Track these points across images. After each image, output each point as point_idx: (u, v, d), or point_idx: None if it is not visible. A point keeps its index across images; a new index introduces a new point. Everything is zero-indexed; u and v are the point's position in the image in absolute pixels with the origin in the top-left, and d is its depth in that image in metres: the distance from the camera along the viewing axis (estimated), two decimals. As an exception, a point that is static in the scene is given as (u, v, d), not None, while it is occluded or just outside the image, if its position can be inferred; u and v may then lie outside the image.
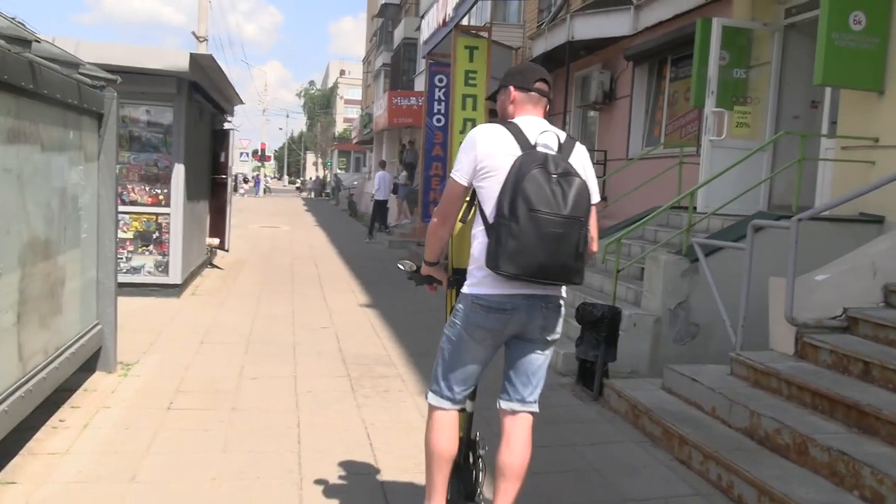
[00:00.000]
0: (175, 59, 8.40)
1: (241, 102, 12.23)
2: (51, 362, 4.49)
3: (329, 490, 3.84)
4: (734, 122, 8.42)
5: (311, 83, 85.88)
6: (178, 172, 9.14)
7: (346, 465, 4.20)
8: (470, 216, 2.83)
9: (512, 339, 2.80)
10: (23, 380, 4.05)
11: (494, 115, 2.98)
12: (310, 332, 7.66)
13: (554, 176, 2.57)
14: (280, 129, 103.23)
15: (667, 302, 6.51)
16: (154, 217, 9.08)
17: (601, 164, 13.13)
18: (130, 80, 7.88)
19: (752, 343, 5.66)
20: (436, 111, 13.60)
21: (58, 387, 4.62)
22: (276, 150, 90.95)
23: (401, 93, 22.92)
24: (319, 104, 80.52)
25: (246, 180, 47.18)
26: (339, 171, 48.14)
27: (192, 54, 8.51)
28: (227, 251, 12.11)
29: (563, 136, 2.73)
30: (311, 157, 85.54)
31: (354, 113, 63.59)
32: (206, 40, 19.32)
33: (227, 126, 11.92)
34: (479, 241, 2.70)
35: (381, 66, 32.05)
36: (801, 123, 8.44)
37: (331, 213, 29.40)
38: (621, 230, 8.03)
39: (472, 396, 3.01)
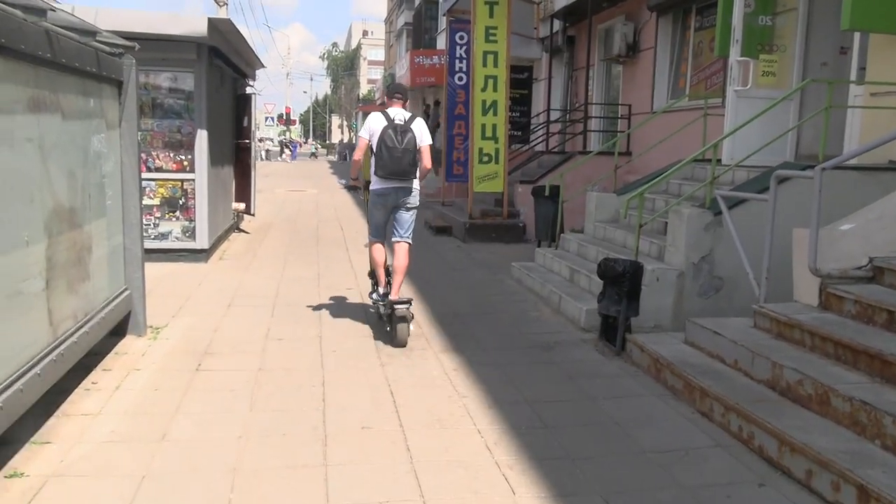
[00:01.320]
0: (193, 25, 8.19)
1: (263, 66, 11.85)
2: (81, 327, 4.49)
3: (352, 445, 3.92)
4: (760, 71, 7.97)
5: (335, 45, 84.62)
6: (201, 138, 8.92)
7: (370, 420, 4.24)
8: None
9: (393, 209, 5.94)
10: (54, 344, 4.07)
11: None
12: (335, 294, 7.50)
13: (399, 132, 5.78)
14: (304, 92, 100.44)
15: (690, 256, 6.34)
16: (179, 183, 8.88)
17: (625, 118, 12.87)
18: (150, 47, 7.79)
19: (776, 295, 5.50)
20: (457, 69, 13.28)
21: (89, 350, 4.63)
22: (301, 114, 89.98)
23: (423, 52, 22.51)
24: (343, 66, 79.59)
25: (285, 146, 45.91)
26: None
27: (210, 19, 8.36)
28: (252, 215, 12.02)
29: (408, 115, 5.92)
30: (335, 120, 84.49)
31: (378, 74, 62.46)
32: (227, 4, 19.17)
33: (249, 90, 11.75)
34: (373, 164, 5.86)
35: (402, 25, 31.62)
36: (829, 71, 8.05)
37: (357, 176, 29.28)
38: (644, 184, 7.83)
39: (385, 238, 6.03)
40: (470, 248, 10.72)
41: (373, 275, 6.34)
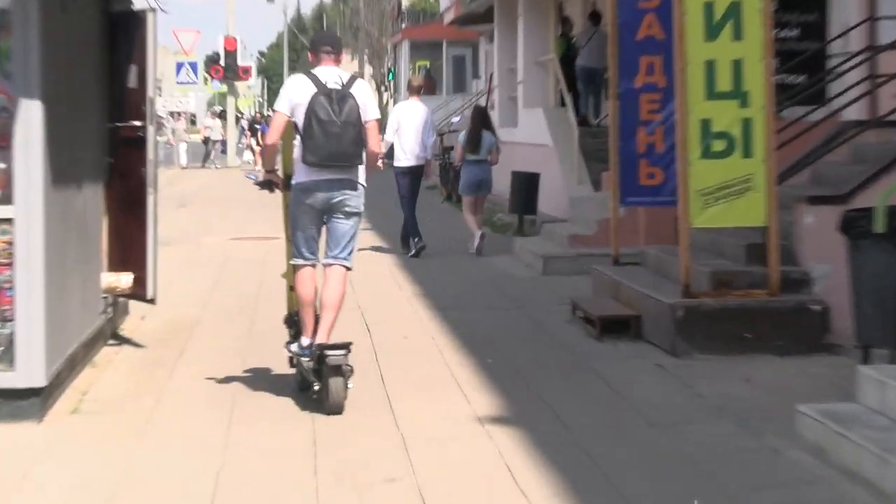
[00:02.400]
0: None
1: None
2: None
3: None
4: None
5: None
6: (29, 123, 4.68)
7: None
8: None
9: (328, 214, 4.77)
10: None
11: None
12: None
13: (335, 100, 4.67)
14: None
15: None
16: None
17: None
18: None
19: None
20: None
21: None
22: (261, 54, 58.63)
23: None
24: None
25: (251, 130, 28.17)
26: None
27: None
28: (152, 302, 6.08)
29: (346, 76, 4.84)
30: (342, 66, 74.14)
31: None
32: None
33: (138, 3, 6.36)
34: (297, 147, 4.76)
35: None
36: None
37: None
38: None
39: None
40: (689, 368, 5.48)
41: (292, 320, 4.96)
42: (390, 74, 35.96)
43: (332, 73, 4.75)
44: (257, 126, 26.92)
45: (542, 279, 8.32)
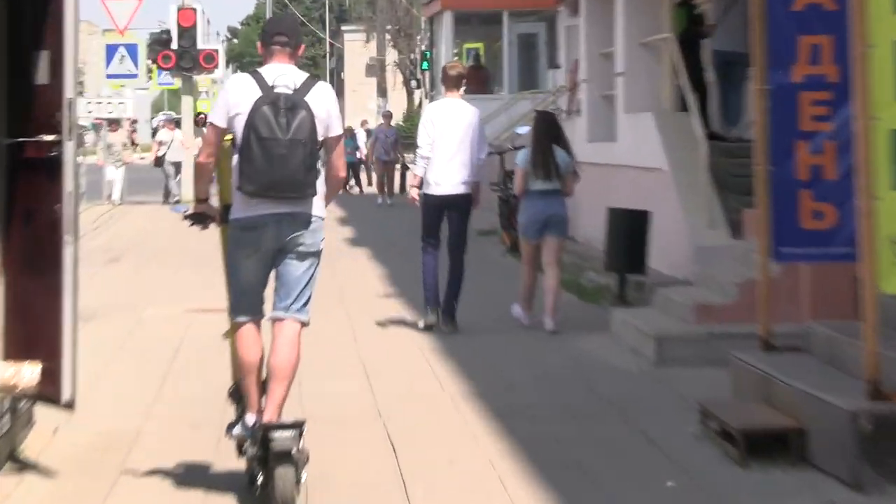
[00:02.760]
0: None
1: None
2: None
3: None
4: None
5: None
6: None
7: None
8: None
9: (278, 255, 5.56)
10: None
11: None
12: None
13: (282, 110, 5.33)
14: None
15: None
16: None
17: None
18: None
19: None
20: None
21: None
22: (231, 34, 71.81)
23: None
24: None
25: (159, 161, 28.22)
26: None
27: None
28: (69, 407, 6.46)
29: (301, 78, 5.54)
30: (354, 49, 77.80)
31: None
32: None
33: None
34: (235, 172, 5.51)
35: None
36: None
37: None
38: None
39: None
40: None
41: (237, 392, 5.84)
42: (424, 62, 36.78)
43: (283, 73, 5.44)
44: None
45: (654, 372, 8.57)
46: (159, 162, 27.91)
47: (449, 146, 9.89)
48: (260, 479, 5.36)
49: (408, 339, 9.81)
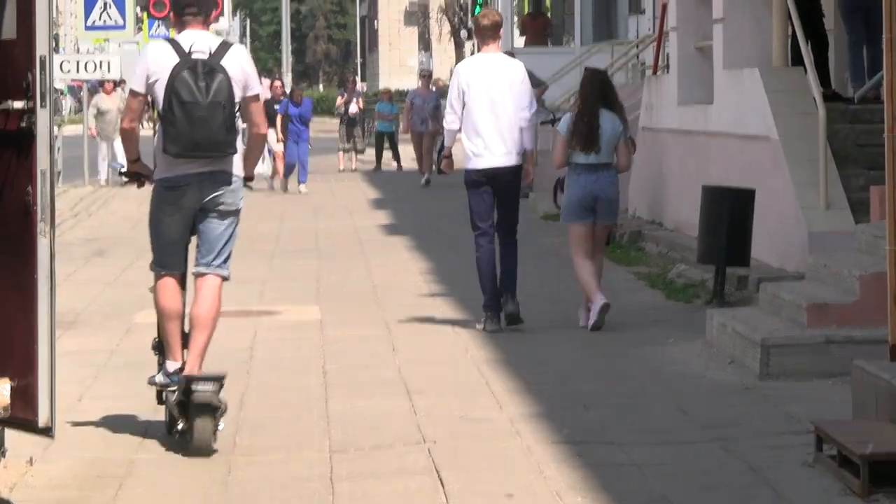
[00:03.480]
0: None
1: None
2: None
3: None
4: None
5: None
6: None
7: None
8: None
9: (199, 214, 7.18)
10: None
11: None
12: None
13: (201, 74, 6.90)
14: None
15: None
16: None
17: None
18: None
19: None
20: None
21: None
22: None
23: None
24: None
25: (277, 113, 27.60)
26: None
27: None
28: (46, 433, 6.56)
29: (216, 43, 7.17)
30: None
31: None
32: None
33: None
34: (158, 134, 7.16)
35: None
36: None
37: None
38: None
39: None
40: None
41: (160, 344, 7.53)
42: (477, 7, 36.30)
43: (199, 40, 7.08)
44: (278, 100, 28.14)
45: (759, 385, 8.66)
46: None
47: (486, 111, 10.01)
48: (180, 426, 7.10)
49: (457, 349, 9.97)
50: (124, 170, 7.66)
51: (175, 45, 7.10)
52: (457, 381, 8.92)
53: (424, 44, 71.88)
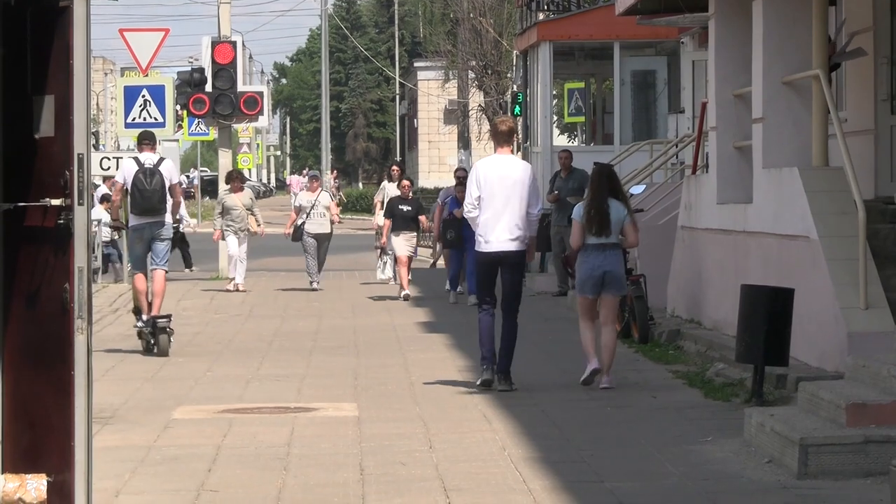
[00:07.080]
0: None
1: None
2: None
3: None
4: None
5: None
6: None
7: None
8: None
9: (151, 241, 17.87)
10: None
11: None
12: None
13: (148, 174, 17.64)
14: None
15: None
16: None
17: None
18: None
19: None
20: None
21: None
22: (279, 72, 74.80)
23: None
24: None
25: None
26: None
27: None
28: None
29: (157, 158, 17.89)
30: (430, 90, 79.73)
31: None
32: None
33: None
34: (128, 203, 18.87)
35: None
36: None
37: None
38: None
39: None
40: None
41: (137, 309, 16.40)
42: (517, 107, 35.91)
43: (148, 157, 16.52)
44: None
45: (797, 485, 8.61)
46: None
47: (497, 203, 11.88)
48: (152, 342, 15.94)
49: (494, 446, 9.99)
50: (112, 224, 16.91)
51: (137, 160, 16.40)
52: (494, 479, 8.92)
53: (464, 142, 72.18)
